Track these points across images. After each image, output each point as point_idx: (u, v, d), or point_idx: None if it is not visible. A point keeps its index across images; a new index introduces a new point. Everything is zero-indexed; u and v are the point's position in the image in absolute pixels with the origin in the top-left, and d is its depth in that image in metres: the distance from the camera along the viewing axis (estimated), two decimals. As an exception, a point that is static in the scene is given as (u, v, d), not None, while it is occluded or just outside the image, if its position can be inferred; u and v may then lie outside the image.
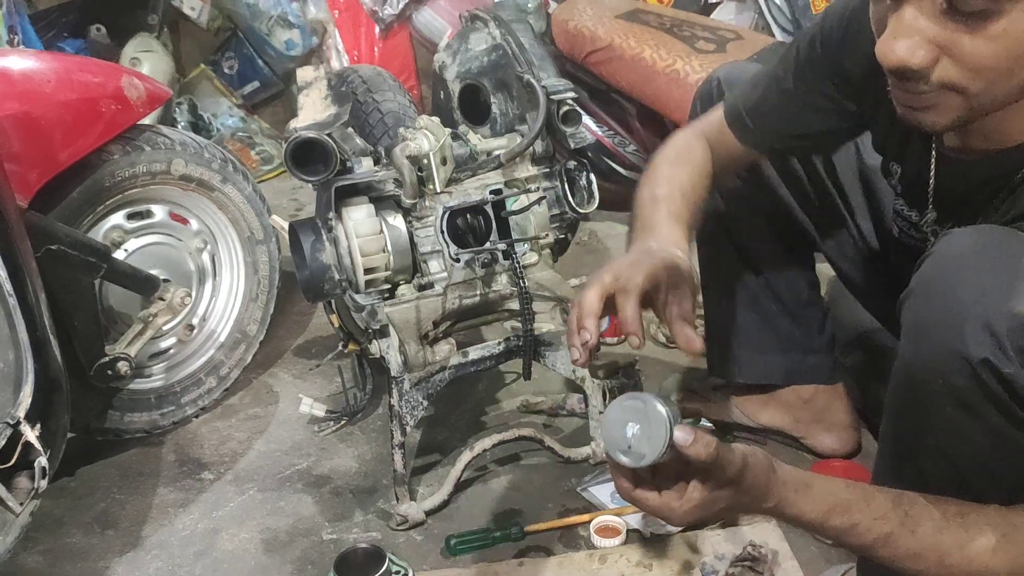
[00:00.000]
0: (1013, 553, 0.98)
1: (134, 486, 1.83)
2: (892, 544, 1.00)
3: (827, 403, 1.77)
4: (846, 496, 1.02)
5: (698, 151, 1.43)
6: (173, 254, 1.94)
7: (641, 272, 1.12)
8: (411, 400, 1.68)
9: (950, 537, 1.00)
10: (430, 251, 1.69)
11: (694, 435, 0.94)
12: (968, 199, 1.17)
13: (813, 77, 1.32)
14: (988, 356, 0.98)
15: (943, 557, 1.00)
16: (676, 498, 0.98)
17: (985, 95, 1.00)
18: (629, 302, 1.09)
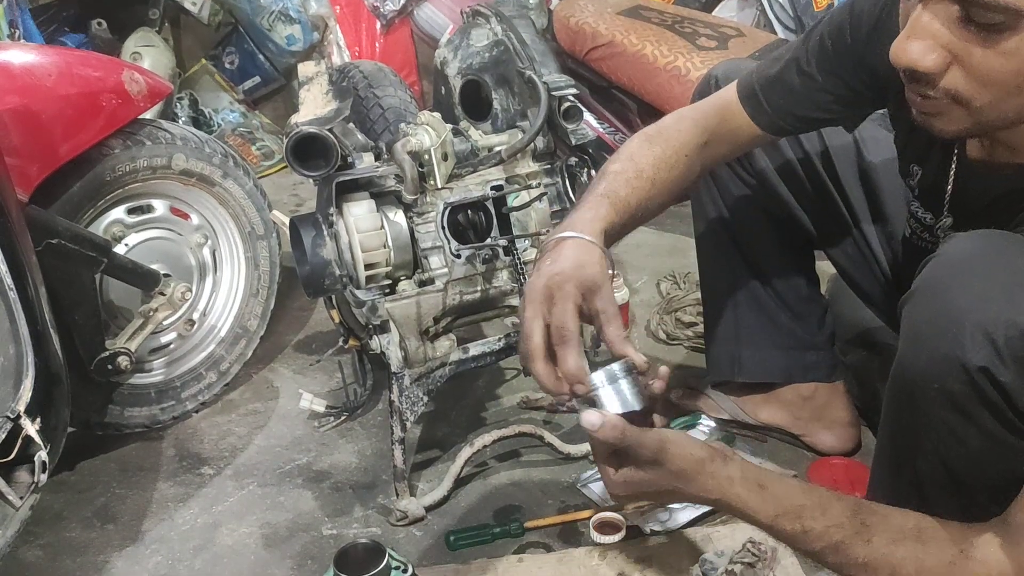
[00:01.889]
0: (968, 570, 0.98)
1: (134, 480, 1.83)
2: (844, 552, 1.01)
3: (827, 401, 1.77)
4: (801, 502, 1.02)
5: (685, 133, 1.38)
6: (174, 249, 1.94)
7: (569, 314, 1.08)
8: (411, 396, 1.68)
9: (905, 551, 1.00)
10: (431, 247, 1.68)
11: (603, 420, 0.99)
12: (986, 209, 1.17)
13: (837, 65, 1.31)
14: (986, 364, 0.99)
15: (895, 569, 1.00)
16: (612, 472, 1.02)
17: (991, 110, 1.00)
18: (571, 355, 1.07)
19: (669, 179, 1.33)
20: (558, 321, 1.08)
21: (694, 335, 2.15)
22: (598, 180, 1.28)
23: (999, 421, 1.03)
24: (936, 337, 1.03)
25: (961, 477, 1.11)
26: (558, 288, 1.10)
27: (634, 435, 1.00)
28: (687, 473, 1.01)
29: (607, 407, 1.04)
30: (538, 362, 1.09)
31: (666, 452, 1.00)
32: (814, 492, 1.04)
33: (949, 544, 1.00)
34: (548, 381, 1.09)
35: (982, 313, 0.99)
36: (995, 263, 1.04)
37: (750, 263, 1.73)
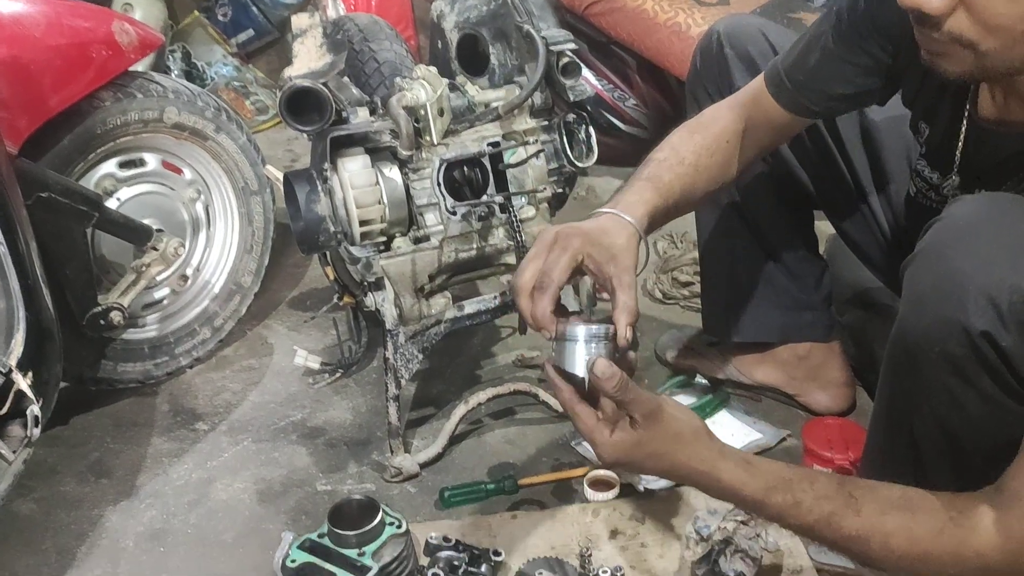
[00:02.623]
0: (958, 538, 0.98)
1: (128, 436, 1.83)
2: (835, 524, 1.00)
3: (823, 361, 1.77)
4: (789, 475, 1.01)
5: (723, 120, 1.40)
6: (166, 204, 1.92)
7: (560, 264, 1.09)
8: (406, 353, 1.67)
9: (895, 519, 0.99)
10: (426, 204, 1.67)
11: (612, 371, 0.97)
12: (996, 170, 1.16)
13: (854, 34, 1.29)
14: (988, 328, 0.99)
15: (887, 539, 0.99)
16: (607, 430, 1.00)
17: (996, 56, 0.99)
18: (543, 301, 1.07)
19: (711, 165, 1.35)
20: (546, 266, 1.09)
21: (690, 294, 2.15)
22: (642, 167, 1.31)
23: (999, 386, 1.03)
24: (939, 300, 1.03)
25: (958, 441, 1.11)
26: (564, 237, 1.11)
27: (635, 391, 0.99)
28: (683, 437, 1.00)
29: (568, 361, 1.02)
30: (520, 296, 1.10)
31: (663, 412, 1.00)
32: (799, 468, 1.04)
33: (937, 513, 1.00)
34: (526, 316, 1.09)
35: (986, 277, 0.99)
36: (1000, 226, 1.03)
37: (748, 222, 1.72)
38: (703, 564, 1.37)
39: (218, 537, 1.58)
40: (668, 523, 1.52)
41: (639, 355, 1.94)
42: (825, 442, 1.58)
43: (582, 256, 1.11)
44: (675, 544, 1.47)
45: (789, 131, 1.46)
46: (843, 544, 1.02)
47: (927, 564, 1.00)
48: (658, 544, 1.49)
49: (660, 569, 1.44)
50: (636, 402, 0.98)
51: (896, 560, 1.01)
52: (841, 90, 1.35)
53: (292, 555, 1.38)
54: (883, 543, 1.00)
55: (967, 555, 0.98)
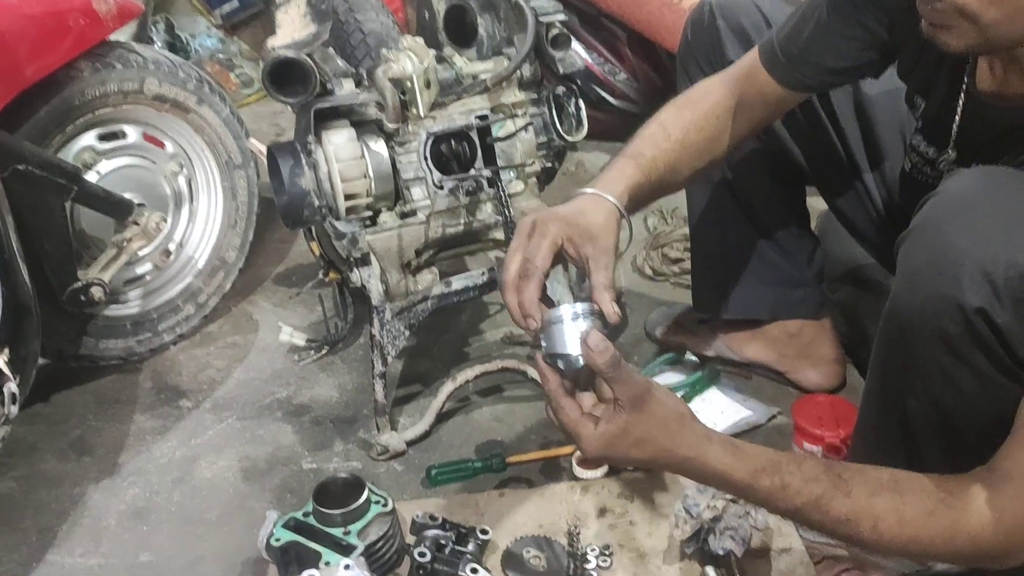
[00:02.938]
0: (949, 519, 0.97)
1: (110, 413, 1.80)
2: (824, 507, 0.98)
3: (813, 338, 1.76)
4: (776, 458, 0.99)
5: (714, 95, 1.37)
6: (148, 177, 1.88)
7: (542, 249, 1.08)
8: (392, 330, 1.65)
9: (884, 501, 0.98)
10: (413, 178, 1.64)
11: (606, 344, 0.95)
12: (994, 144, 1.14)
13: (849, 6, 1.27)
14: (983, 305, 0.97)
15: (877, 522, 0.98)
16: (592, 423, 0.97)
17: (999, 28, 0.97)
18: (528, 288, 1.06)
19: (699, 141, 1.33)
20: (528, 254, 1.07)
21: (680, 271, 2.13)
22: (628, 144, 1.28)
23: (993, 363, 1.01)
24: (933, 277, 1.01)
25: (951, 419, 1.10)
26: (541, 223, 1.09)
27: (627, 369, 0.96)
28: (669, 423, 0.98)
29: (558, 343, 1.00)
30: (507, 292, 1.08)
31: (651, 395, 0.97)
32: (786, 452, 1.02)
33: (928, 494, 0.98)
34: (514, 311, 1.07)
35: (982, 253, 0.97)
36: (997, 201, 1.01)
37: (739, 198, 1.69)
38: (692, 542, 1.37)
39: (202, 516, 1.56)
40: (657, 501, 1.51)
41: (628, 332, 1.96)
42: (815, 419, 1.57)
43: (561, 240, 1.09)
44: (664, 522, 1.46)
45: (782, 106, 1.44)
46: (832, 527, 1.00)
47: (918, 546, 0.99)
48: (647, 522, 1.48)
49: (649, 547, 1.43)
50: (625, 382, 0.96)
51: (887, 542, 0.99)
52: (836, 63, 1.32)
53: (276, 534, 1.37)
54: (873, 526, 0.98)
55: (959, 537, 0.97)
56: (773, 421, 1.71)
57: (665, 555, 1.41)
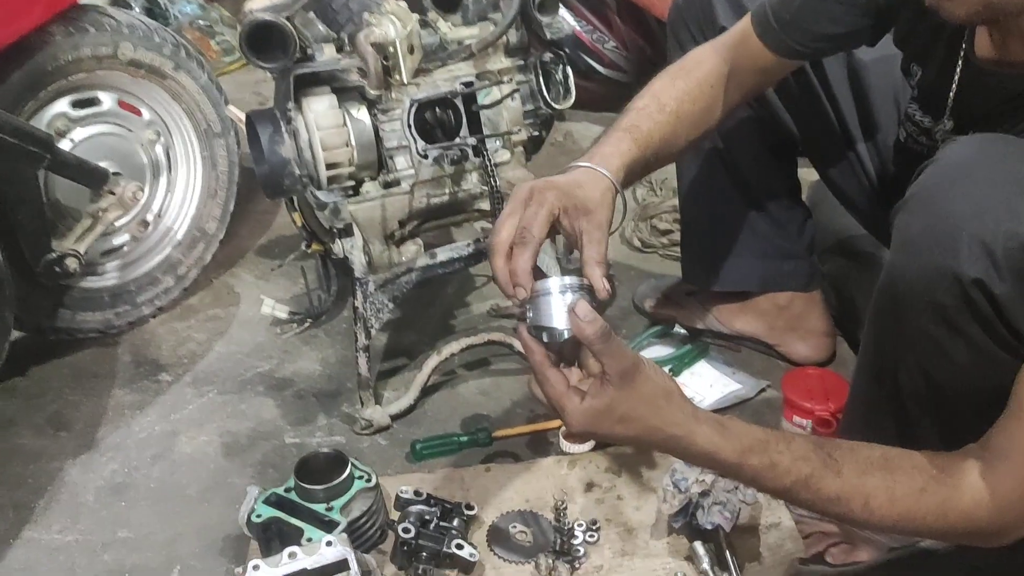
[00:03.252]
0: (941, 496, 0.95)
1: (88, 387, 1.77)
2: (814, 486, 0.96)
3: (803, 310, 1.74)
4: (765, 437, 0.97)
5: (707, 64, 1.34)
6: (124, 146, 1.83)
7: (539, 219, 1.04)
8: (376, 302, 1.62)
9: (875, 480, 0.96)
10: (396, 146, 1.60)
11: (595, 315, 0.92)
12: (992, 113, 1.12)
13: None
14: (981, 277, 0.95)
15: (868, 500, 0.96)
16: (577, 397, 0.95)
17: None
18: (523, 256, 1.02)
19: (694, 112, 1.30)
20: (524, 222, 1.04)
21: (669, 243, 2.10)
22: (622, 116, 1.25)
23: (989, 336, 1.00)
24: (930, 247, 0.99)
25: (945, 393, 1.08)
26: (539, 192, 1.06)
27: (616, 341, 0.93)
28: (657, 400, 0.95)
29: (545, 315, 0.97)
30: (497, 257, 1.04)
31: (639, 371, 0.94)
32: (775, 431, 1.00)
33: (920, 472, 0.97)
34: (502, 277, 1.04)
35: (980, 223, 0.95)
36: (996, 169, 0.99)
37: (730, 168, 1.67)
38: (680, 517, 1.35)
39: (182, 491, 1.54)
40: (645, 476, 1.49)
41: (616, 304, 1.93)
42: (805, 392, 1.56)
43: (558, 211, 1.06)
44: (652, 497, 1.44)
45: (775, 74, 1.40)
46: (822, 506, 0.99)
47: (910, 523, 0.98)
48: (634, 497, 1.46)
49: (636, 522, 1.42)
50: (614, 355, 0.93)
51: (878, 520, 0.98)
52: (829, 30, 1.29)
53: (258, 510, 1.34)
54: (863, 504, 0.97)
55: (951, 514, 0.96)
56: (762, 394, 1.69)
57: (653, 530, 1.40)
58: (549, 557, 1.34)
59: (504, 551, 1.37)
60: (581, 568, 1.35)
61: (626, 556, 1.37)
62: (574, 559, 1.35)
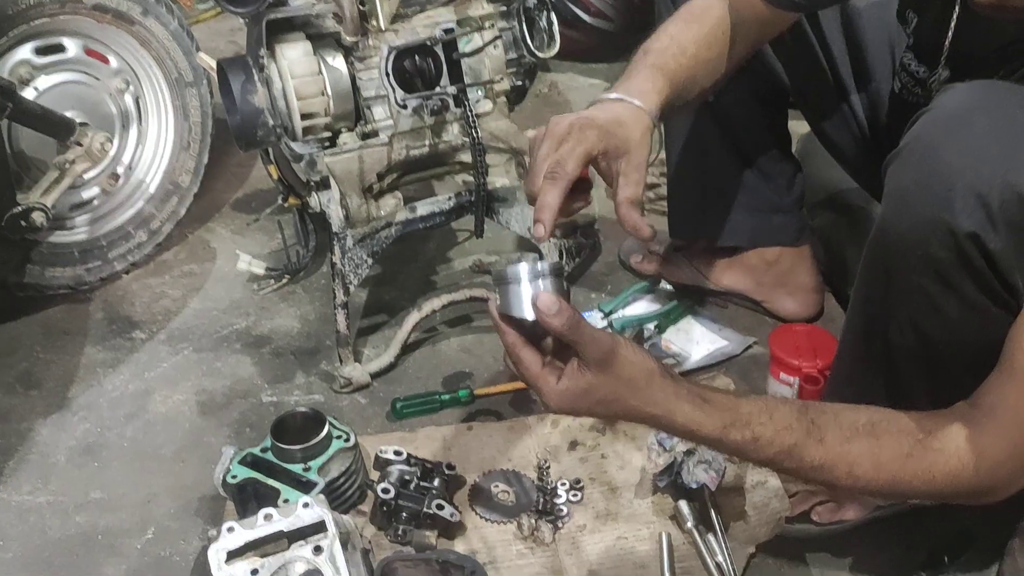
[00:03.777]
0: (927, 460, 0.93)
1: (59, 345, 1.73)
2: (797, 456, 0.94)
3: (791, 266, 1.70)
4: (747, 410, 0.94)
5: (715, 10, 1.27)
6: (91, 95, 1.78)
7: (575, 156, 1.00)
8: (354, 257, 1.57)
9: (859, 446, 0.94)
10: (374, 96, 1.55)
11: (559, 306, 0.87)
12: (989, 60, 1.08)
13: None
14: (976, 230, 0.93)
15: (853, 467, 0.94)
16: (554, 377, 0.90)
17: None
18: (553, 191, 0.98)
19: (710, 58, 1.24)
20: (560, 156, 1.00)
21: (656, 196, 2.05)
22: (644, 53, 1.19)
23: (982, 291, 0.97)
24: (923, 200, 0.96)
25: (935, 349, 1.06)
26: (579, 130, 1.02)
27: (588, 329, 0.89)
28: (636, 382, 0.91)
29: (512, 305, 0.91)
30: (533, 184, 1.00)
31: (616, 355, 0.90)
32: (757, 400, 0.97)
33: (905, 436, 0.95)
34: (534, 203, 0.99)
35: (976, 174, 0.92)
36: (994, 118, 0.96)
37: (719, 120, 1.62)
38: (665, 475, 1.33)
39: (156, 451, 1.51)
40: (630, 434, 1.47)
41: (601, 259, 1.89)
42: (793, 349, 1.53)
43: (597, 151, 1.02)
44: (636, 455, 1.42)
45: (773, 28, 1.35)
46: (806, 474, 0.96)
47: (896, 487, 0.96)
48: (619, 455, 1.44)
49: (621, 481, 1.39)
50: (589, 343, 0.89)
51: (863, 486, 0.96)
52: None
53: (233, 471, 1.31)
54: (848, 471, 0.95)
55: (937, 478, 0.94)
56: (749, 351, 1.67)
57: (637, 489, 1.38)
58: (531, 517, 1.32)
59: (486, 511, 1.35)
60: (564, 528, 1.33)
61: (610, 516, 1.35)
62: (557, 519, 1.33)
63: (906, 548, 1.29)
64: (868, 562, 1.29)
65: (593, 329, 0.89)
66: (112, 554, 1.34)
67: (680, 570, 1.27)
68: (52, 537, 1.37)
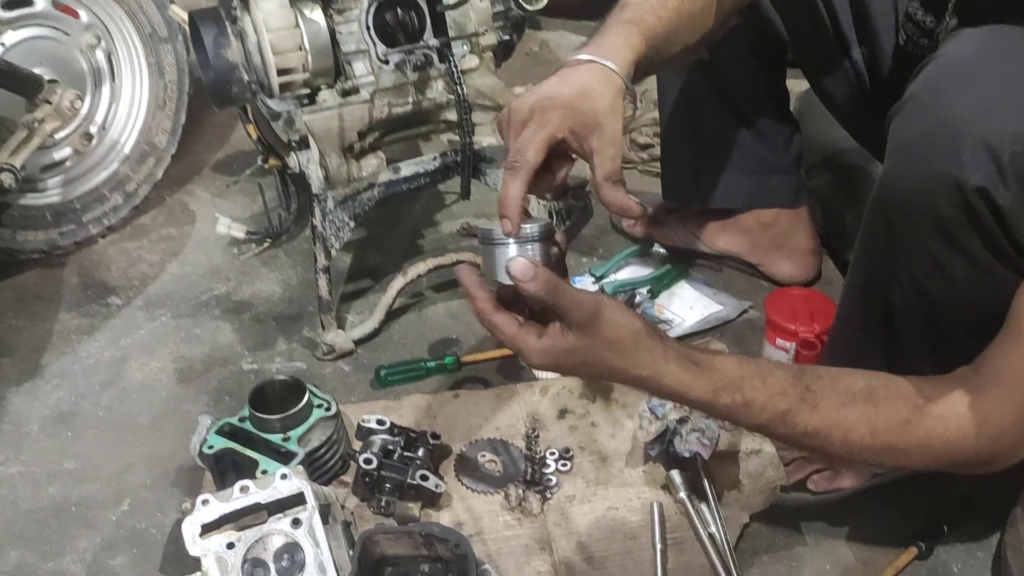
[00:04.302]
0: (925, 428, 0.90)
1: (32, 311, 1.68)
2: (791, 422, 0.90)
3: (788, 228, 1.66)
4: (738, 373, 0.90)
5: None
6: (60, 50, 1.71)
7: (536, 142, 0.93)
8: (336, 220, 1.52)
9: (855, 412, 0.91)
10: (354, 50, 1.49)
11: (534, 272, 0.83)
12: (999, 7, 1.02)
13: None
14: (984, 184, 0.88)
15: (848, 433, 0.91)
16: (534, 335, 0.86)
17: None
18: (514, 183, 0.91)
19: (693, 10, 1.16)
20: (518, 144, 0.93)
21: (649, 157, 2.01)
22: (620, 8, 1.11)
23: (989, 249, 0.93)
24: (930, 153, 0.92)
25: (938, 313, 1.03)
26: (541, 112, 0.94)
27: (568, 293, 0.85)
28: (622, 344, 0.87)
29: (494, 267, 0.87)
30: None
31: (601, 317, 0.85)
32: (751, 363, 0.92)
33: (903, 402, 0.91)
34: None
35: (986, 124, 0.88)
36: (1004, 66, 0.91)
37: (714, 77, 1.57)
38: (657, 444, 1.29)
39: (132, 420, 1.46)
40: (620, 401, 1.43)
41: (593, 223, 1.84)
42: (789, 314, 1.49)
43: (563, 133, 0.94)
44: (627, 423, 1.38)
45: None
46: (800, 441, 0.93)
47: (892, 455, 0.93)
48: (609, 423, 1.40)
49: (611, 449, 1.35)
50: (570, 307, 0.84)
51: (858, 452, 0.92)
52: None
53: (210, 441, 1.26)
54: (843, 438, 0.91)
55: (935, 445, 0.91)
56: (744, 316, 1.63)
57: (628, 458, 1.34)
58: (519, 487, 1.28)
59: (472, 481, 1.31)
60: (553, 498, 1.29)
61: (600, 485, 1.31)
62: (545, 489, 1.29)
63: (904, 517, 1.27)
64: (865, 531, 1.26)
65: (575, 291, 0.85)
66: (86, 526, 1.30)
67: (672, 540, 1.23)
68: (24, 508, 1.33)
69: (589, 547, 1.23)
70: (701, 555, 1.21)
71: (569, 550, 1.22)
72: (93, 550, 1.26)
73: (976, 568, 1.22)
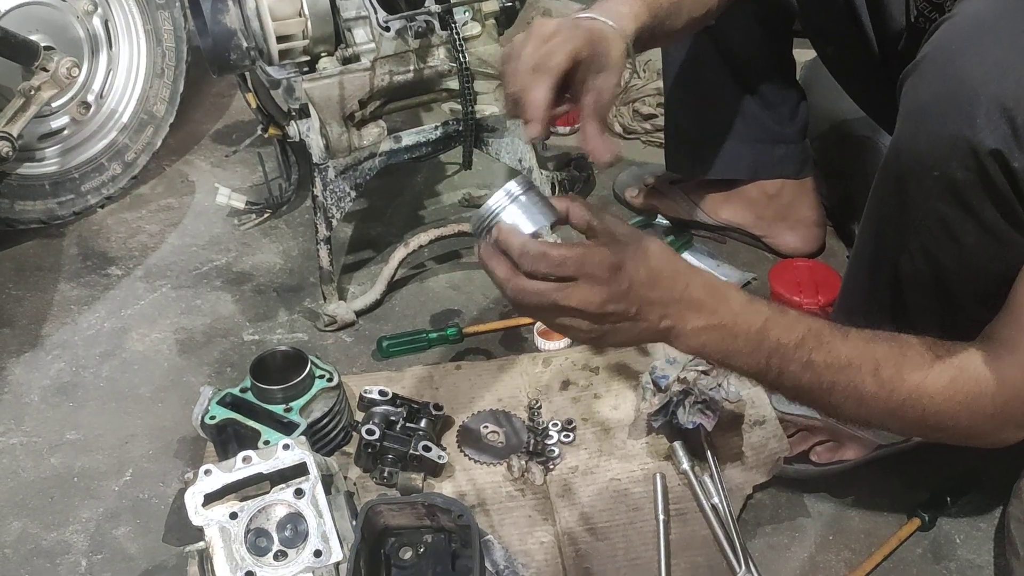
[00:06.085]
0: (949, 375, 0.90)
1: (32, 281, 1.67)
2: (824, 349, 0.90)
3: (793, 199, 1.64)
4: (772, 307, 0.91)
5: None
6: (57, 17, 1.68)
7: (563, 49, 0.93)
8: (337, 190, 1.50)
9: (883, 348, 0.90)
10: (355, 17, 1.46)
11: (569, 199, 0.87)
12: None
13: None
14: (999, 147, 0.86)
15: (878, 367, 0.90)
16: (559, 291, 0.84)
17: None
18: (541, 84, 0.92)
19: None
20: (547, 49, 0.94)
21: (653, 128, 1.99)
22: None
23: (1003, 214, 0.92)
24: (943, 115, 0.90)
25: (948, 281, 1.02)
26: (567, 30, 0.96)
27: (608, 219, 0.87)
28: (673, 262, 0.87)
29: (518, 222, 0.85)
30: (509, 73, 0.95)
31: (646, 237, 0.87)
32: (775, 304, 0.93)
33: (924, 349, 0.91)
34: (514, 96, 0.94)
35: (1001, 85, 0.85)
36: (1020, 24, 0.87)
37: (721, 46, 1.54)
38: (660, 416, 1.29)
39: (133, 391, 1.46)
40: (624, 373, 1.42)
41: (596, 193, 1.83)
42: (793, 285, 1.49)
43: (584, 53, 0.95)
44: (630, 395, 1.38)
45: None
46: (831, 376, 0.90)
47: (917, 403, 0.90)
48: (612, 395, 1.39)
49: (614, 421, 1.35)
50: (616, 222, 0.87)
51: (887, 394, 0.90)
52: None
53: (212, 411, 1.26)
54: (874, 371, 0.90)
55: (959, 395, 0.90)
56: (748, 288, 1.61)
57: (631, 430, 1.33)
58: (522, 458, 1.28)
59: (475, 452, 1.31)
60: (555, 469, 1.28)
61: (603, 456, 1.30)
62: (548, 460, 1.29)
63: (907, 488, 1.26)
64: (868, 502, 1.26)
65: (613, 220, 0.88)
66: (88, 496, 1.30)
67: (675, 512, 1.23)
68: (26, 479, 1.32)
69: (592, 518, 1.22)
70: (704, 526, 1.21)
71: (572, 521, 1.22)
72: (96, 520, 1.26)
73: (979, 540, 1.22)
